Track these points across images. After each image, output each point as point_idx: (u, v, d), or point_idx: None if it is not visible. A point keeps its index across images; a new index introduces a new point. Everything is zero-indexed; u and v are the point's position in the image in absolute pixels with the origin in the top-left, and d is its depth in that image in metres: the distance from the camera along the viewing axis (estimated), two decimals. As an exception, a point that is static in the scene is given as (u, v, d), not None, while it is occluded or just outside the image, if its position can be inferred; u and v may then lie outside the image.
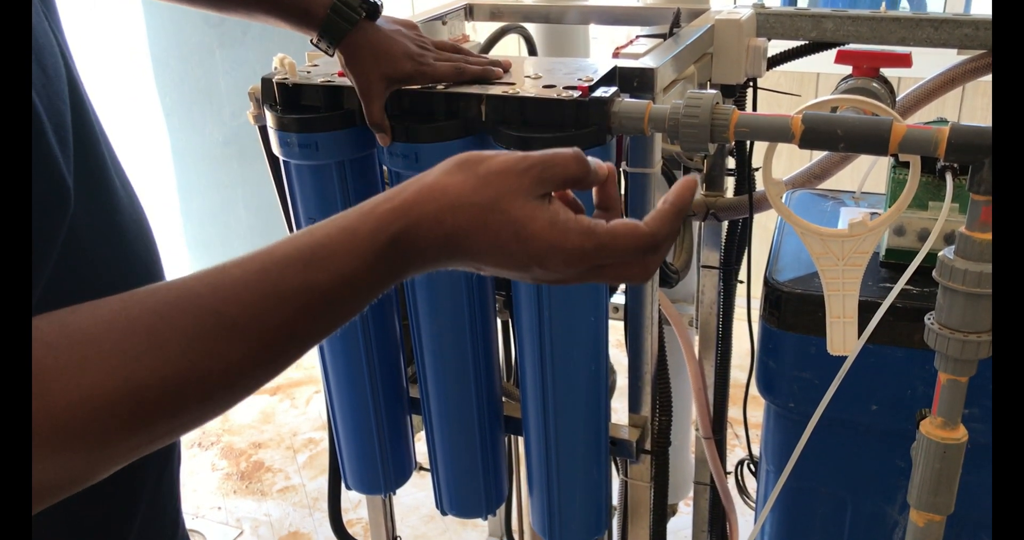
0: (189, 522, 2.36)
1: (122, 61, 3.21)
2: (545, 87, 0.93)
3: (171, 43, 3.27)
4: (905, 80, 2.28)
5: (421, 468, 1.30)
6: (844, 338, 0.94)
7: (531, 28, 1.48)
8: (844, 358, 0.92)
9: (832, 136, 0.82)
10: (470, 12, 1.43)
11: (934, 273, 0.85)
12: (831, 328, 0.94)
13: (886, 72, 1.18)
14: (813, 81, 2.69)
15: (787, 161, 2.63)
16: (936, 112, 2.44)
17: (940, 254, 0.84)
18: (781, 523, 1.32)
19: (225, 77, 3.37)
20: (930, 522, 0.92)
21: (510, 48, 1.78)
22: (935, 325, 0.86)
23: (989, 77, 1.25)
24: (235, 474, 2.55)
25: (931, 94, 1.27)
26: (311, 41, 0.94)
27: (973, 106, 2.58)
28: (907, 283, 0.88)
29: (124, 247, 0.75)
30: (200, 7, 0.98)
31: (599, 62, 1.00)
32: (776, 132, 0.84)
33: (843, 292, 0.92)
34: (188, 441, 2.68)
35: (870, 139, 0.81)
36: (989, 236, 0.81)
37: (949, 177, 0.96)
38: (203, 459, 2.61)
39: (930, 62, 1.30)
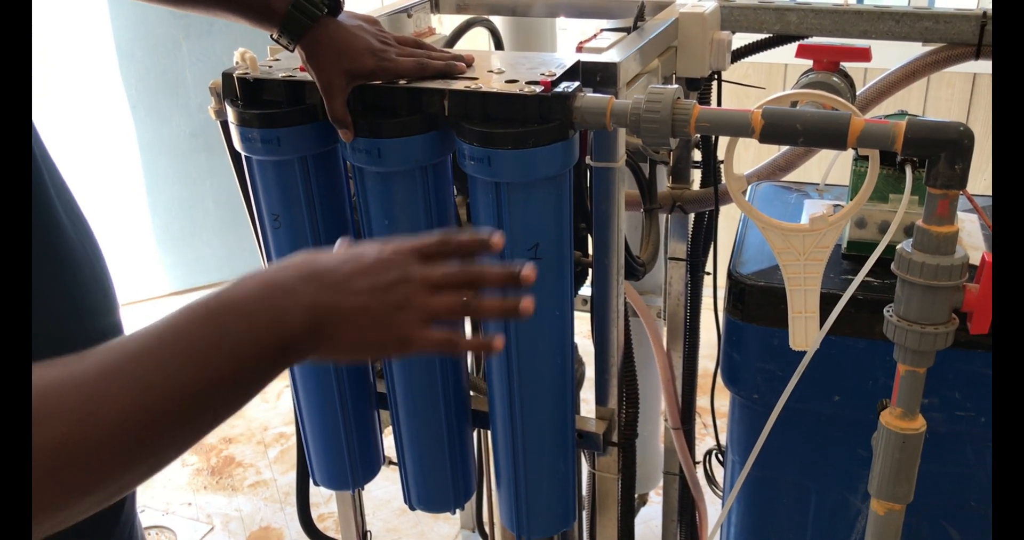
0: (159, 518, 2.35)
1: (87, 52, 3.17)
2: (508, 82, 0.93)
3: (136, 34, 3.22)
4: (872, 71, 2.31)
5: (391, 462, 1.30)
6: (806, 333, 0.95)
7: (497, 21, 1.48)
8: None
9: (792, 131, 0.83)
10: (436, 4, 1.42)
11: (892, 266, 0.86)
12: (793, 323, 0.94)
13: (847, 65, 1.19)
14: (781, 72, 2.71)
15: (755, 153, 2.65)
16: (901, 104, 2.46)
17: (898, 247, 0.85)
18: (747, 512, 1.34)
19: (192, 69, 3.33)
20: (890, 511, 0.94)
21: (478, 41, 1.78)
22: (894, 317, 0.87)
23: (952, 68, 1.26)
24: (205, 469, 2.53)
25: (892, 87, 1.28)
26: (271, 37, 0.93)
27: (937, 97, 2.61)
28: (868, 275, 0.89)
29: (72, 275, 0.75)
30: (159, 3, 0.97)
31: (562, 57, 1.00)
32: (737, 127, 0.85)
33: (804, 287, 0.93)
34: (158, 437, 2.66)
35: (829, 133, 0.82)
36: (946, 229, 0.82)
37: (908, 170, 0.97)
38: (173, 454, 2.60)
39: (896, 54, 1.31)
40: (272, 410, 2.77)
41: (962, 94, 2.59)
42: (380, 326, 0.60)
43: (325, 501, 2.31)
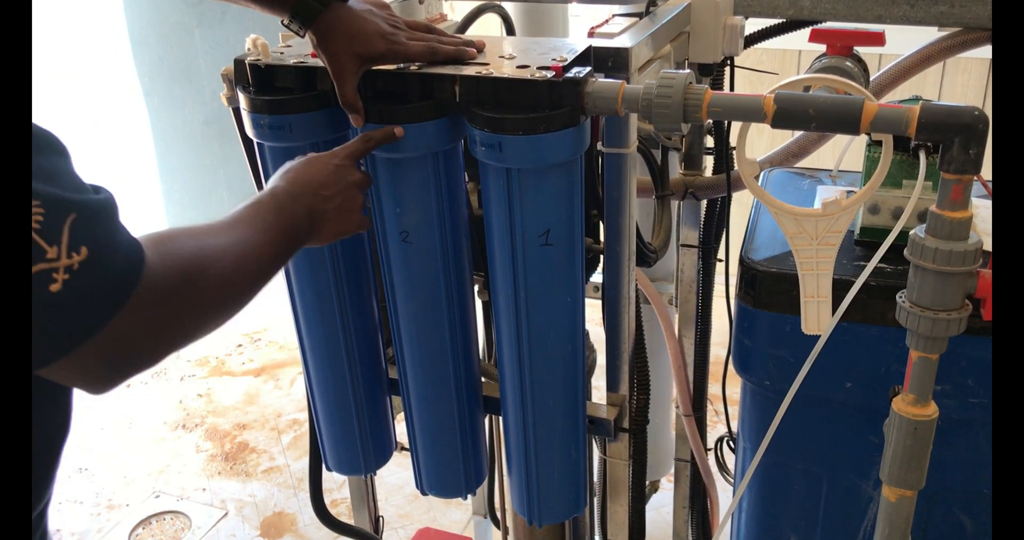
0: (174, 504, 2.37)
1: (101, 41, 3.17)
2: (519, 67, 0.93)
3: (150, 23, 3.23)
4: (886, 56, 2.29)
5: (403, 448, 1.31)
6: (818, 317, 0.94)
7: (509, 7, 1.47)
8: (819, 335, 0.93)
9: (804, 116, 0.82)
10: (447, -10, 1.42)
11: (905, 252, 0.85)
12: (805, 308, 0.94)
13: (862, 50, 1.18)
14: (794, 58, 2.69)
15: (768, 139, 2.64)
16: (916, 89, 2.44)
17: (911, 233, 0.85)
18: (758, 499, 1.34)
19: (205, 57, 3.33)
20: (901, 497, 0.94)
21: (490, 27, 1.77)
22: (906, 303, 0.87)
23: (968, 53, 1.25)
24: (220, 455, 2.55)
25: (907, 72, 1.27)
26: (282, 22, 0.93)
27: (953, 83, 2.59)
28: (881, 261, 0.89)
29: None
30: None
31: (574, 42, 0.99)
32: (748, 112, 0.84)
33: (817, 271, 0.93)
34: (172, 423, 2.69)
35: (841, 118, 0.81)
36: (959, 214, 0.82)
37: (922, 155, 0.96)
38: (187, 441, 2.62)
39: (910, 39, 1.30)
40: (285, 397, 2.79)
41: (978, 80, 2.57)
42: (341, 222, 0.91)
43: (338, 487, 2.33)
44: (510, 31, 1.49)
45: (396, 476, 2.36)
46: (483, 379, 1.21)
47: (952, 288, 0.84)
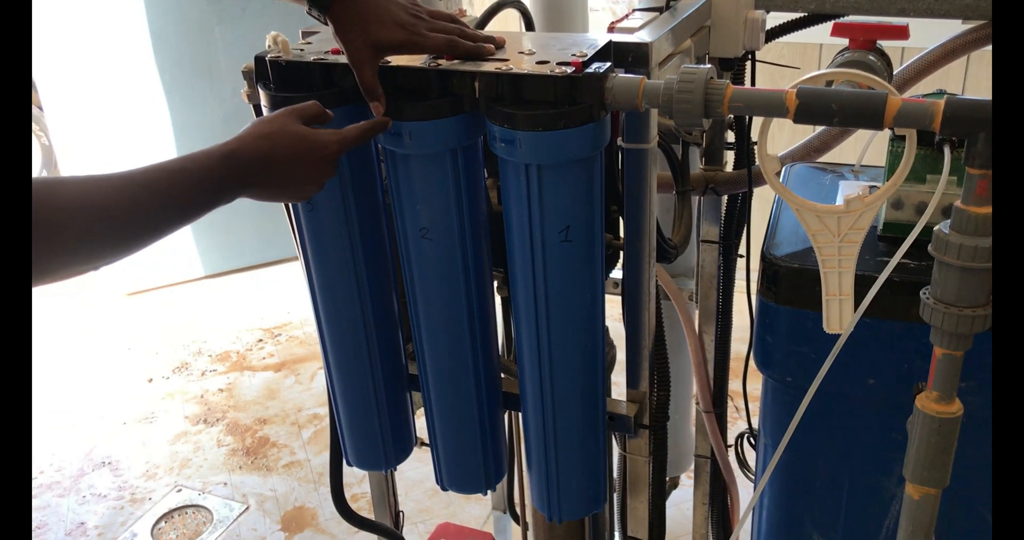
0: (195, 498, 2.39)
1: (121, 38, 3.20)
2: (539, 63, 0.92)
3: (170, 19, 3.25)
4: (910, 50, 2.26)
5: (423, 443, 1.31)
6: (840, 315, 0.93)
7: (529, 2, 1.47)
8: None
9: (826, 110, 0.81)
10: (466, -14, 1.41)
11: (929, 247, 0.84)
12: (827, 306, 0.93)
13: (885, 44, 1.17)
14: (816, 52, 2.67)
15: (790, 134, 2.62)
16: (940, 83, 2.42)
17: (935, 228, 0.84)
18: (779, 496, 1.33)
19: (225, 53, 3.35)
20: (925, 495, 0.93)
21: (509, 23, 1.77)
22: (930, 299, 0.86)
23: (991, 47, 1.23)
24: (241, 450, 2.57)
25: (931, 66, 1.26)
26: (306, 10, 0.94)
27: (978, 76, 2.55)
28: (905, 257, 0.88)
29: None
30: None
31: (594, 37, 0.99)
32: (770, 107, 0.84)
33: (839, 269, 0.92)
34: (194, 418, 2.71)
35: (864, 113, 0.80)
36: (985, 210, 0.81)
37: (947, 150, 0.95)
38: (209, 435, 2.63)
39: (935, 33, 1.28)
40: (306, 391, 2.80)
41: (1003, 73, 2.53)
42: (274, 198, 0.92)
43: (358, 481, 2.34)
44: (529, 26, 1.48)
45: (416, 471, 2.37)
46: (503, 375, 1.21)
47: (977, 284, 0.83)
